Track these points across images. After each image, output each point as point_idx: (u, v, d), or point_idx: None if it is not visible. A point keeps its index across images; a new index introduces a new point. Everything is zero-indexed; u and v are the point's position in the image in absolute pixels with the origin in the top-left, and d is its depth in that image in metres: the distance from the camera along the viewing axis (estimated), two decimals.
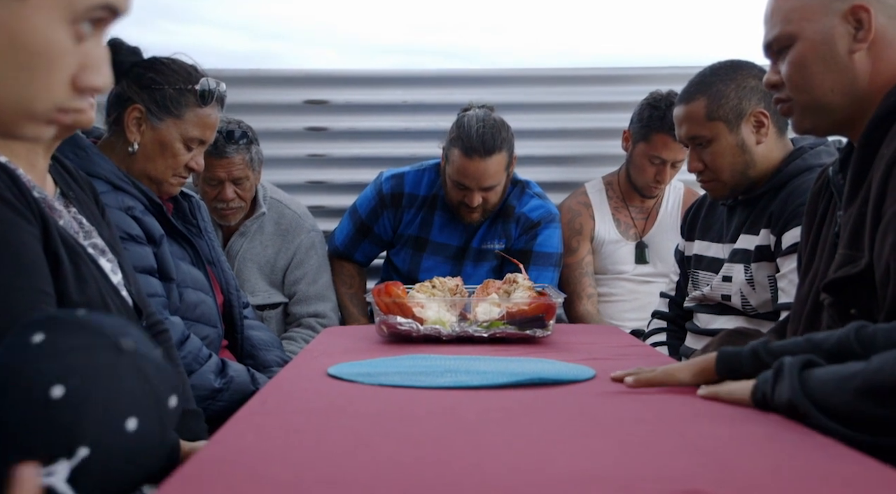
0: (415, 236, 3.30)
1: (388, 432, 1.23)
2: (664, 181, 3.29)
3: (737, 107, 2.37)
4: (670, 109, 2.97)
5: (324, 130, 3.77)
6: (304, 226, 3.22)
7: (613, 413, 1.37)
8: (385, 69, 3.91)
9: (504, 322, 2.14)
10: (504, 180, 3.15)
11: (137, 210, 2.20)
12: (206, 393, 2.19)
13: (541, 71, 3.86)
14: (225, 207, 3.06)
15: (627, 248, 3.40)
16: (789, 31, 1.69)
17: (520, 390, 1.52)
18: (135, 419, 1.03)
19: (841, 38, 1.64)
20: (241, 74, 3.77)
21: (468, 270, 3.23)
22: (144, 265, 2.16)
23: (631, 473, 1.03)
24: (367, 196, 3.37)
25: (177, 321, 2.20)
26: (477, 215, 3.18)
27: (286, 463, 1.05)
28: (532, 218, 3.23)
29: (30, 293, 1.40)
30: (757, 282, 2.36)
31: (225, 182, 3.01)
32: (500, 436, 1.21)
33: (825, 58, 1.65)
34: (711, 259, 2.55)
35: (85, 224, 1.71)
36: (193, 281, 2.33)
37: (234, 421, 1.28)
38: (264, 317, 3.13)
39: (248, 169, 3.03)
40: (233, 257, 3.13)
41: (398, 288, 2.21)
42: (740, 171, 2.40)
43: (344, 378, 1.62)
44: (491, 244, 3.25)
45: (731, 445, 1.14)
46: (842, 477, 1.01)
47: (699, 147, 2.42)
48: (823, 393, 1.20)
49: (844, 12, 1.64)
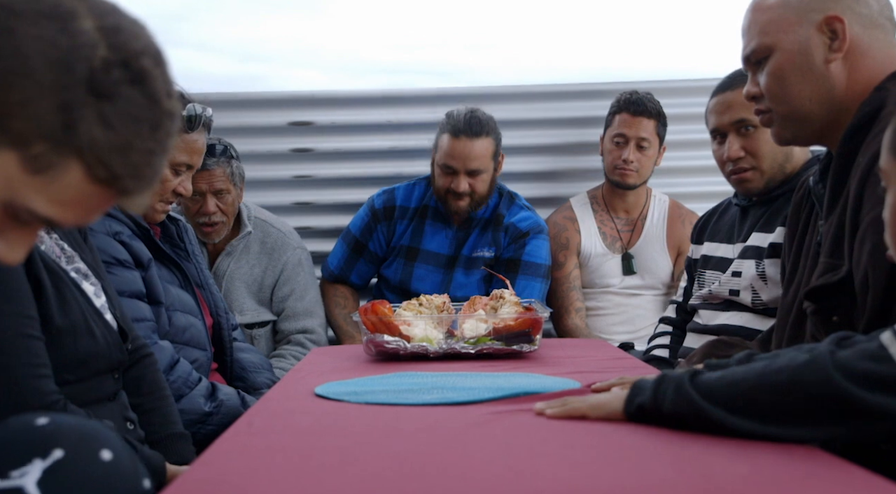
0: (406, 246, 3.34)
1: (374, 449, 1.24)
2: (630, 159, 3.32)
3: None
4: (632, 98, 3.29)
5: (309, 151, 3.77)
6: (290, 243, 3.24)
7: (596, 424, 1.37)
8: (369, 89, 3.91)
9: (491, 337, 2.15)
10: (491, 170, 3.24)
11: (125, 235, 2.20)
12: (195, 417, 2.18)
13: (524, 87, 3.87)
14: (207, 221, 3.07)
15: (614, 261, 3.41)
16: (766, 43, 1.72)
17: (504, 404, 1.52)
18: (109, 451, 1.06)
19: (817, 49, 1.67)
20: (226, 97, 3.78)
21: (459, 278, 3.27)
22: (133, 289, 2.16)
23: (613, 483, 1.03)
24: (359, 216, 3.43)
25: (166, 345, 2.19)
26: (465, 204, 3.23)
27: (272, 483, 1.06)
28: (521, 227, 3.28)
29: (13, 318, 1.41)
30: (769, 278, 2.35)
31: (206, 194, 3.03)
32: (486, 451, 1.22)
33: (802, 68, 1.68)
34: (719, 259, 2.54)
35: (67, 249, 1.71)
36: (182, 305, 2.33)
37: (221, 442, 1.28)
38: (253, 336, 3.14)
39: (229, 182, 3.06)
40: (220, 277, 3.14)
41: (385, 307, 2.21)
42: (780, 163, 2.42)
43: (331, 397, 1.62)
44: (480, 252, 3.29)
45: (712, 452, 1.14)
46: (820, 481, 1.02)
47: (743, 133, 2.43)
48: (719, 389, 1.21)
49: (819, 23, 1.67)
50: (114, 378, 1.71)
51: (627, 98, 3.35)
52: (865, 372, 1.10)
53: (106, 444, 1.09)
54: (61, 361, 1.54)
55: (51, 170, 0.91)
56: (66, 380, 1.55)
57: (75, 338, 1.59)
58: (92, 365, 1.64)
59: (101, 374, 1.67)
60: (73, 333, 1.58)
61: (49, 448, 1.05)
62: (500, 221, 3.29)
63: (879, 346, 1.11)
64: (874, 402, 1.09)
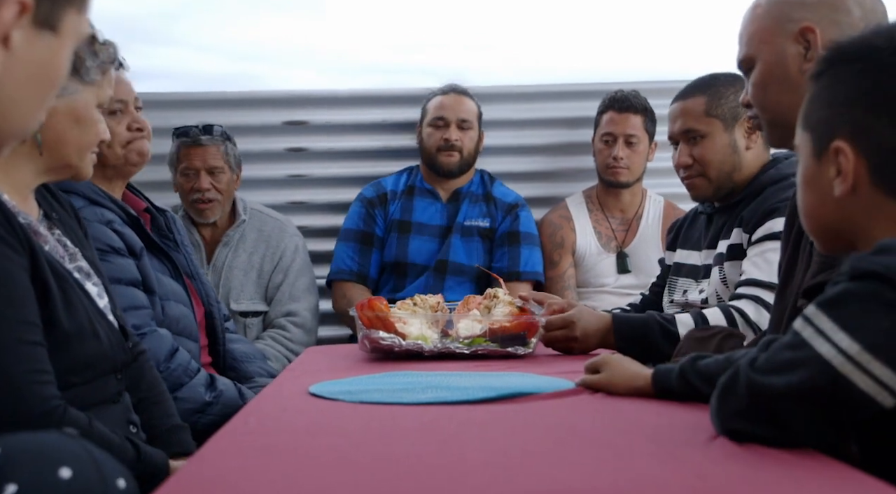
0: (398, 220, 3.41)
1: (369, 448, 1.24)
2: (620, 156, 3.35)
3: (734, 109, 2.46)
4: (617, 96, 3.39)
5: (303, 151, 3.77)
6: (288, 230, 3.32)
7: (590, 424, 1.37)
8: (364, 89, 3.92)
9: (486, 338, 2.15)
10: (477, 130, 3.45)
11: (116, 223, 2.21)
12: (196, 407, 2.19)
13: (521, 88, 3.88)
14: (201, 198, 3.13)
15: (609, 260, 3.42)
16: (750, 54, 1.79)
17: (499, 404, 1.53)
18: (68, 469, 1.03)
19: (793, 59, 1.73)
20: (221, 96, 3.78)
21: (456, 244, 3.36)
22: (129, 277, 2.16)
23: (608, 483, 1.04)
24: (354, 212, 3.47)
25: (165, 333, 2.20)
26: (455, 160, 3.38)
27: (267, 482, 1.06)
28: (508, 200, 3.46)
29: (14, 323, 1.41)
30: (730, 281, 2.40)
31: (200, 171, 3.12)
32: (480, 450, 1.22)
33: (780, 79, 1.75)
34: (691, 267, 2.60)
35: (69, 246, 1.71)
36: (174, 295, 2.33)
37: (215, 440, 1.28)
38: (246, 325, 3.16)
39: (223, 161, 3.14)
40: (219, 268, 3.17)
41: (381, 303, 2.21)
42: (727, 172, 2.48)
43: (325, 396, 1.62)
44: (475, 221, 3.41)
45: (707, 454, 1.15)
46: (815, 482, 1.02)
47: (691, 142, 2.51)
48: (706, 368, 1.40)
49: (795, 34, 1.73)
50: (116, 378, 1.71)
51: (612, 96, 3.43)
52: (783, 362, 1.11)
53: (64, 460, 1.04)
54: (68, 364, 1.53)
55: None
56: (72, 383, 1.55)
57: (81, 341, 1.58)
58: (97, 367, 1.64)
59: (105, 375, 1.67)
60: (80, 336, 1.58)
61: (2, 485, 1.01)
62: (490, 196, 3.44)
63: (794, 334, 1.13)
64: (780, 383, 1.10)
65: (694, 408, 1.40)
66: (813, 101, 1.31)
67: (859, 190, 1.23)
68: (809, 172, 1.30)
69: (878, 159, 1.22)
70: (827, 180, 1.25)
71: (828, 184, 1.25)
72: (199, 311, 2.46)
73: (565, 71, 5.48)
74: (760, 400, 1.13)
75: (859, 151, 1.22)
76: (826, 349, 1.09)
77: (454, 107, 3.42)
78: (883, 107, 1.22)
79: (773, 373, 1.12)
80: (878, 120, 1.22)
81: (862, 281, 1.11)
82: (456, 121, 3.39)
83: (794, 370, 1.10)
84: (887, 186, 1.22)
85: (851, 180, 1.23)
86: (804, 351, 1.10)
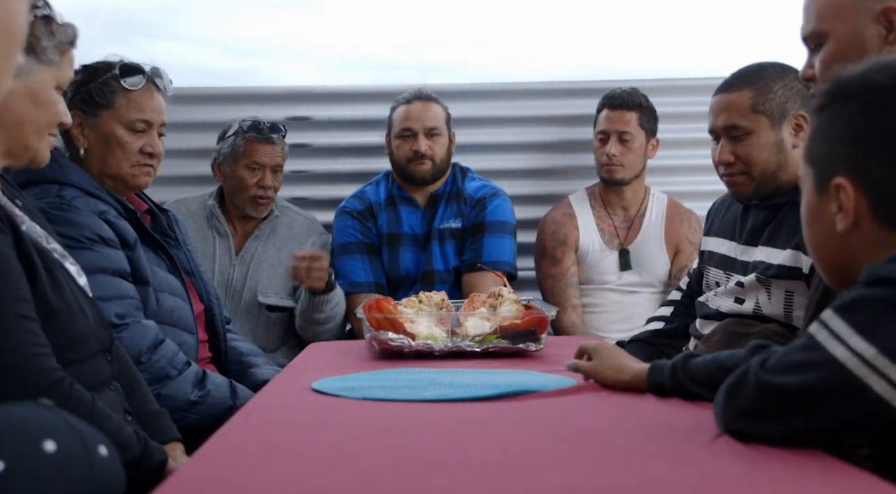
0: (387, 233, 3.37)
1: (371, 445, 1.24)
2: (613, 153, 3.33)
3: (782, 105, 2.30)
4: (612, 93, 3.36)
5: (305, 147, 3.76)
6: (316, 229, 3.34)
7: (593, 422, 1.37)
8: (366, 85, 3.91)
9: (497, 336, 2.13)
10: (447, 136, 3.35)
11: (110, 215, 2.20)
12: (179, 405, 2.12)
13: (522, 85, 3.87)
14: (264, 195, 3.17)
15: (611, 258, 3.41)
16: (822, 29, 1.69)
17: (501, 401, 1.53)
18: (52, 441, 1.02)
19: (872, 40, 1.64)
20: (222, 92, 3.77)
21: (436, 252, 3.31)
22: (116, 267, 2.15)
23: (610, 481, 1.03)
24: (345, 227, 3.36)
25: (150, 324, 2.16)
26: (427, 168, 3.30)
27: (269, 479, 1.05)
28: (476, 196, 3.36)
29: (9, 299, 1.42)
30: (773, 297, 2.26)
31: (266, 168, 3.16)
32: (482, 448, 1.22)
33: (855, 60, 1.63)
34: (722, 256, 2.48)
35: (39, 230, 1.71)
36: (170, 287, 2.32)
37: (218, 437, 1.28)
38: (271, 318, 3.17)
39: (283, 161, 3.22)
40: (247, 260, 3.17)
41: (389, 304, 2.19)
42: (772, 171, 2.31)
43: (328, 392, 1.62)
44: (447, 223, 3.34)
45: (708, 452, 1.14)
46: (817, 481, 1.02)
47: (734, 139, 2.33)
48: (695, 368, 1.44)
49: (876, 13, 1.63)
50: (107, 360, 1.72)
51: (608, 94, 3.41)
52: (795, 363, 1.12)
53: (46, 433, 1.04)
54: (62, 341, 1.54)
55: None
56: (70, 360, 1.56)
57: (71, 318, 1.59)
58: (88, 345, 1.64)
59: (96, 355, 1.67)
60: (69, 313, 1.59)
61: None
62: (461, 194, 3.37)
63: (808, 337, 1.13)
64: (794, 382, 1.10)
65: (696, 407, 1.40)
66: (815, 136, 1.29)
67: (861, 225, 1.22)
68: (812, 208, 1.29)
69: (879, 196, 1.21)
70: (829, 215, 1.25)
71: (830, 219, 1.25)
72: (198, 307, 2.45)
73: (565, 68, 5.47)
74: (769, 399, 1.13)
75: (860, 188, 1.21)
76: (841, 352, 1.08)
77: (420, 117, 3.32)
78: (882, 145, 1.21)
79: (785, 373, 1.12)
80: (877, 158, 1.21)
81: (877, 287, 1.11)
82: (423, 130, 3.30)
83: (807, 371, 1.10)
84: (889, 222, 1.21)
85: (853, 216, 1.22)
86: (818, 353, 1.10)
